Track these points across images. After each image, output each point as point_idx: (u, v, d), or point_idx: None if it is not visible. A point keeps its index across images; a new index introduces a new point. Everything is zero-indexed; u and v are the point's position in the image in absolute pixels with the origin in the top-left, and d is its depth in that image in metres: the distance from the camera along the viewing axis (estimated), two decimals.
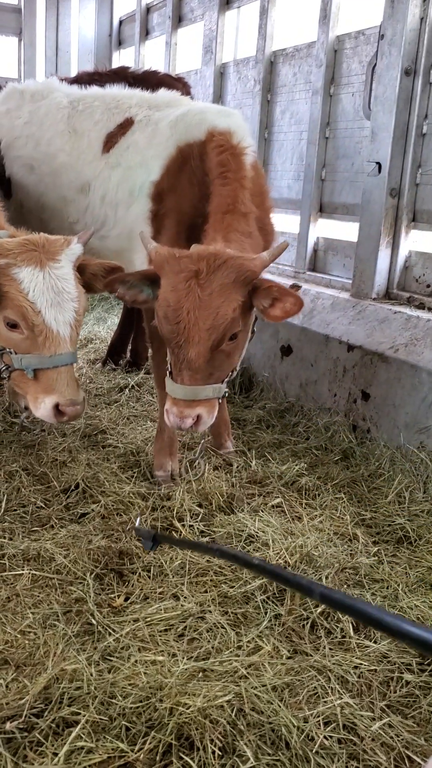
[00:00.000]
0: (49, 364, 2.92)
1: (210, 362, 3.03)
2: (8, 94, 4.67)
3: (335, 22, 5.39)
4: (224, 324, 2.97)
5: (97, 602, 2.86)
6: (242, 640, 2.66)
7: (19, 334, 2.91)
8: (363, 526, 3.52)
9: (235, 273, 3.00)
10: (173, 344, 3.02)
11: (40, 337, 2.90)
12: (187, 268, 2.99)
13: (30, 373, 2.94)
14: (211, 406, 3.13)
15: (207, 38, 7.28)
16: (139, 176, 3.84)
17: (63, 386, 2.94)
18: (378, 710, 2.36)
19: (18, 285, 2.86)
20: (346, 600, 1.36)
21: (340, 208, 5.49)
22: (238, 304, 3.00)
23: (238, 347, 3.19)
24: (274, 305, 3.09)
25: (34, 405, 3.00)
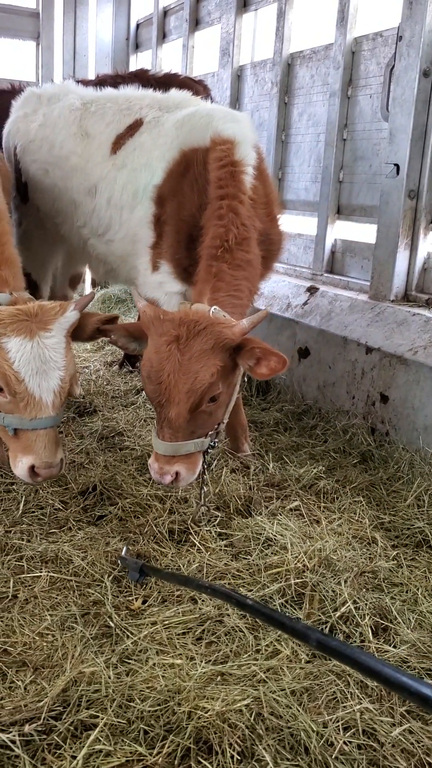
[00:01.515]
0: (28, 426, 2.98)
1: (191, 422, 3.06)
2: (26, 99, 4.69)
3: (353, 24, 5.37)
4: (202, 388, 3.00)
5: (115, 605, 2.85)
6: (260, 644, 2.64)
7: (2, 398, 2.98)
8: (382, 530, 3.49)
9: (213, 340, 3.03)
10: (155, 403, 3.08)
11: (21, 403, 2.96)
12: (169, 332, 3.04)
13: (11, 431, 3.00)
14: (191, 463, 3.14)
15: (224, 41, 7.28)
16: (143, 178, 3.83)
17: (40, 448, 2.98)
18: (398, 716, 2.34)
19: (5, 354, 2.92)
20: (344, 649, 1.30)
21: (358, 210, 5.47)
22: (216, 369, 3.03)
23: (221, 406, 3.22)
24: (259, 364, 3.11)
25: (13, 462, 3.06)
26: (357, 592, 2.92)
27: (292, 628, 1.41)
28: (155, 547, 3.26)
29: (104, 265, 4.45)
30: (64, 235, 4.53)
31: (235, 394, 3.38)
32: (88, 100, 4.38)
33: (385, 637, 2.74)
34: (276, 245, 3.93)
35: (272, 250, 3.87)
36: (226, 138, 3.59)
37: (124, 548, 3.15)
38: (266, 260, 3.73)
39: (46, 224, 4.57)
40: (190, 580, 2.69)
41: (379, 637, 2.73)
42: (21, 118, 4.59)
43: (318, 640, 1.32)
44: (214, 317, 3.12)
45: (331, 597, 2.88)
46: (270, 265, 3.93)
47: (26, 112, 4.60)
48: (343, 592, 2.88)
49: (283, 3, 6.22)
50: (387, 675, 1.17)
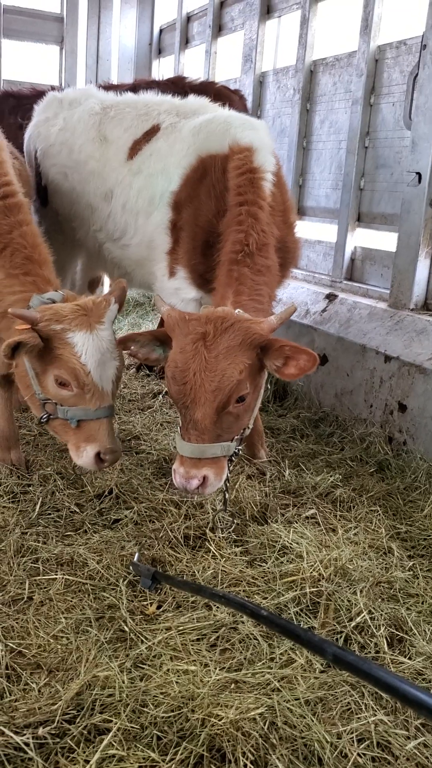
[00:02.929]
0: (93, 416, 3.12)
1: (217, 423, 3.01)
2: (48, 103, 4.71)
3: (377, 32, 5.36)
4: (230, 386, 2.96)
5: (130, 609, 2.85)
6: (275, 652, 2.63)
7: (69, 391, 3.11)
8: (398, 540, 3.47)
9: (241, 336, 2.99)
10: (180, 404, 3.04)
11: (88, 394, 3.10)
12: (195, 331, 3.01)
13: (74, 423, 3.14)
14: (219, 467, 3.07)
15: (247, 47, 7.29)
16: (160, 184, 3.83)
17: (104, 436, 3.13)
18: (413, 729, 2.32)
19: (72, 349, 3.06)
20: (361, 663, 1.27)
21: (379, 218, 5.45)
22: (244, 367, 2.99)
23: (248, 409, 3.17)
24: (287, 364, 3.07)
25: (76, 453, 3.18)
26: (372, 603, 2.90)
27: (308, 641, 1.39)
28: (170, 553, 3.25)
29: (119, 269, 4.46)
30: (80, 239, 4.55)
31: (259, 399, 3.34)
32: (108, 104, 4.39)
33: (400, 648, 2.72)
34: (292, 253, 3.92)
35: (288, 258, 3.86)
36: (245, 146, 3.60)
37: (137, 554, 3.15)
38: (282, 268, 3.73)
39: (65, 228, 4.59)
40: (203, 589, 2.67)
41: (394, 648, 2.71)
42: (42, 122, 4.62)
43: (334, 653, 1.30)
44: (240, 315, 3.09)
45: (347, 607, 2.87)
46: (286, 273, 3.93)
47: (47, 116, 4.62)
48: (359, 602, 2.87)
49: (307, 10, 6.22)
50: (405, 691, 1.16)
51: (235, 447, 3.16)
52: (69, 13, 10.20)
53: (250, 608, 2.08)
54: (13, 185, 3.42)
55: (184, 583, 2.87)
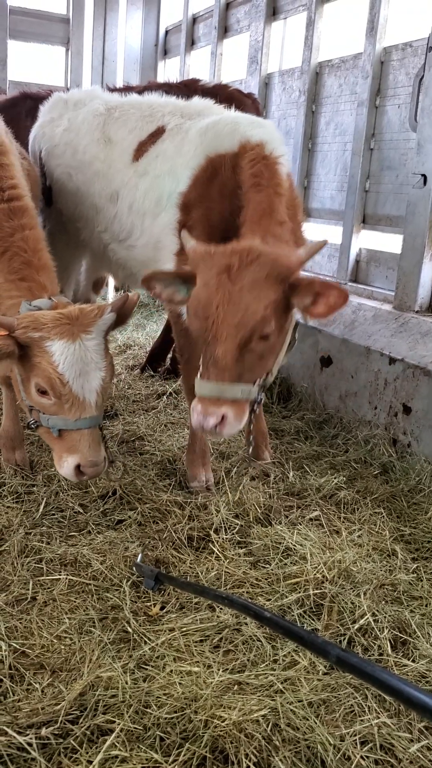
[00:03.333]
0: (73, 426, 3.05)
1: (239, 361, 2.91)
2: (53, 104, 4.72)
3: (382, 34, 5.36)
4: (253, 321, 2.86)
5: (133, 610, 2.85)
6: (278, 654, 2.63)
7: (48, 400, 3.05)
8: (402, 542, 3.47)
9: (268, 268, 2.88)
10: (202, 341, 2.97)
11: (66, 404, 3.03)
12: (219, 263, 2.92)
13: (55, 432, 3.08)
14: (239, 409, 2.96)
15: (253, 49, 7.29)
16: (167, 185, 3.81)
17: (85, 447, 3.05)
18: (416, 732, 2.32)
19: (49, 357, 2.99)
20: (365, 666, 1.27)
21: (384, 220, 5.45)
22: (269, 301, 2.88)
23: (272, 350, 3.07)
24: (316, 302, 2.95)
25: (58, 463, 3.13)
26: (376, 605, 2.90)
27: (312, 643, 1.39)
28: (173, 554, 3.26)
29: (123, 270, 4.45)
30: (84, 239, 4.54)
31: (285, 344, 3.20)
32: (112, 105, 4.39)
33: (403, 650, 2.71)
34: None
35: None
36: (255, 143, 3.58)
37: (140, 555, 3.15)
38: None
39: (69, 228, 4.60)
40: (206, 590, 2.67)
41: (397, 651, 2.70)
42: (47, 123, 4.63)
43: (338, 656, 1.30)
44: (267, 248, 2.97)
45: (350, 609, 2.86)
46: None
47: (52, 116, 4.63)
48: (362, 605, 2.86)
49: (313, 12, 6.23)
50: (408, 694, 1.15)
51: (257, 393, 3.05)
52: (75, 14, 10.21)
53: (254, 610, 2.08)
54: (19, 188, 3.41)
55: (187, 584, 2.87)
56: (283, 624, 1.66)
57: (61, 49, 10.39)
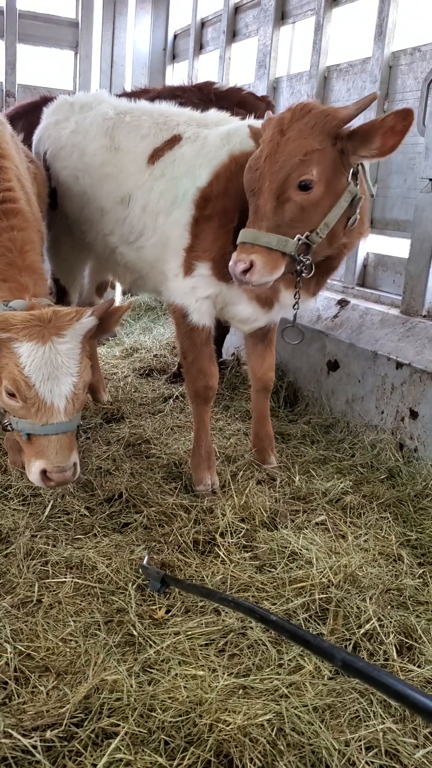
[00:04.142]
0: (40, 431, 2.98)
1: (278, 211, 3.01)
2: (58, 106, 4.73)
3: (391, 38, 5.36)
4: (290, 165, 2.95)
5: (139, 613, 2.85)
6: (283, 658, 2.63)
7: (15, 402, 3.00)
8: (408, 547, 3.46)
9: (315, 120, 3.00)
10: (249, 195, 3.09)
11: (33, 408, 2.97)
12: (276, 120, 3.06)
13: (24, 436, 3.03)
14: (270, 258, 3.03)
15: (261, 53, 7.30)
16: (184, 184, 3.81)
17: (52, 453, 2.97)
18: (422, 737, 2.31)
19: (17, 359, 2.94)
20: (371, 670, 1.26)
21: (392, 224, 5.44)
22: (311, 150, 2.97)
23: (315, 205, 3.07)
24: (385, 138, 3.00)
25: (27, 466, 3.08)
26: (382, 610, 2.89)
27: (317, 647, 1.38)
28: (179, 557, 3.25)
29: (132, 273, 4.45)
30: (89, 242, 4.55)
31: (338, 208, 3.17)
32: (122, 110, 4.40)
33: (409, 656, 2.70)
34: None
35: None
36: None
37: (146, 557, 3.15)
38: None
39: (74, 231, 4.60)
40: (212, 593, 2.67)
41: (403, 656, 2.70)
42: (52, 125, 4.63)
43: (343, 659, 1.29)
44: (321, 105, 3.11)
45: (356, 614, 2.86)
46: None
47: (58, 118, 4.63)
48: (368, 609, 2.86)
49: (321, 16, 6.23)
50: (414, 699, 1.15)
51: (294, 248, 3.09)
52: (84, 18, 10.24)
53: (259, 613, 2.08)
54: (14, 191, 3.39)
55: (193, 587, 2.87)
56: (288, 627, 1.66)
57: (70, 52, 10.41)
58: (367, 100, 3.08)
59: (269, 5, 7.13)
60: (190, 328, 3.85)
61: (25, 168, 3.75)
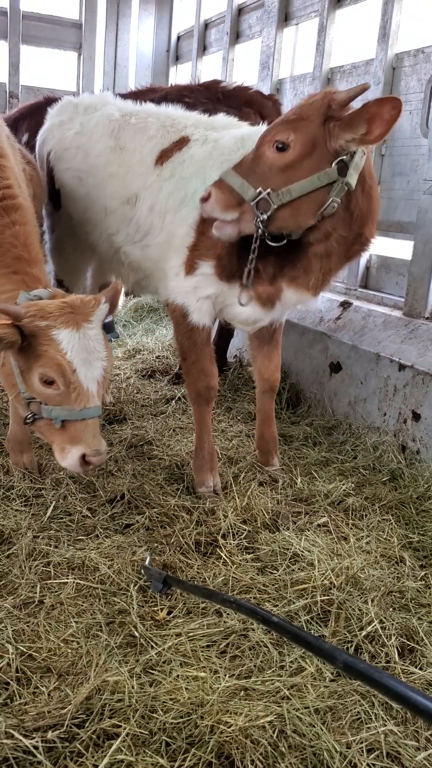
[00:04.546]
0: (78, 416, 3.05)
1: (253, 162, 3.27)
2: (63, 107, 4.73)
3: (394, 40, 5.36)
4: (276, 126, 3.23)
5: (140, 614, 2.86)
6: (285, 660, 2.63)
7: (54, 390, 3.05)
8: (410, 549, 3.46)
9: (320, 98, 3.17)
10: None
11: (73, 393, 3.04)
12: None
13: (58, 424, 3.08)
14: (225, 198, 3.30)
15: (264, 54, 7.30)
16: (193, 184, 3.81)
17: (89, 437, 3.06)
18: (423, 740, 2.30)
19: (57, 345, 3.01)
20: (372, 672, 1.26)
21: (394, 226, 5.44)
22: (298, 118, 3.16)
23: (284, 168, 3.22)
24: (371, 126, 3.06)
25: (61, 455, 3.12)
26: (384, 612, 2.89)
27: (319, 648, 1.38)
28: (181, 559, 3.25)
29: (135, 273, 4.45)
30: (93, 243, 4.55)
31: (306, 184, 3.23)
32: (128, 112, 4.40)
33: (411, 658, 2.70)
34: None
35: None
36: None
37: (148, 558, 3.16)
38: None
39: (78, 232, 4.60)
40: (214, 594, 2.67)
41: (405, 659, 2.69)
42: (56, 126, 4.63)
43: (345, 661, 1.29)
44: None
45: (357, 616, 2.85)
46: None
47: (62, 119, 4.63)
48: (370, 611, 2.85)
49: (325, 18, 6.23)
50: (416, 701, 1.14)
51: (253, 197, 3.24)
52: (87, 19, 10.26)
53: (261, 614, 2.08)
54: (13, 188, 3.43)
55: (195, 588, 2.87)
56: (290, 629, 1.66)
57: (73, 54, 10.43)
58: (359, 89, 3.14)
59: (273, 7, 7.13)
60: (190, 328, 3.85)
61: (20, 169, 3.76)
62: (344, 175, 3.18)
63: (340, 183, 3.19)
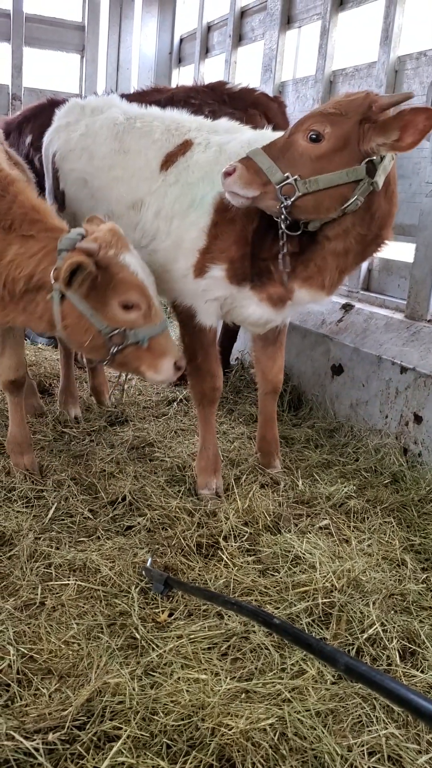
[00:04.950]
0: (159, 330, 3.32)
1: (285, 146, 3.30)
2: (70, 109, 4.73)
3: (397, 43, 5.36)
4: (313, 115, 3.25)
5: (141, 616, 2.85)
6: (286, 663, 2.62)
7: (137, 312, 3.25)
8: (412, 552, 3.45)
9: (360, 97, 3.19)
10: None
11: (151, 311, 3.28)
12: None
13: (145, 343, 3.29)
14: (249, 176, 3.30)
15: (267, 57, 7.31)
16: (201, 189, 3.80)
17: (172, 346, 3.37)
18: (424, 743, 2.30)
19: (129, 269, 3.23)
20: (373, 675, 1.26)
21: (396, 229, 5.39)
22: (336, 113, 3.18)
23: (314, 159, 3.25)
24: (404, 133, 3.08)
25: (154, 372, 3.35)
26: (385, 615, 2.88)
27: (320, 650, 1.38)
28: (182, 561, 3.25)
29: None
30: None
31: (333, 177, 3.27)
32: (132, 115, 4.40)
33: (412, 661, 2.70)
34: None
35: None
36: None
37: (149, 559, 3.15)
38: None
39: None
40: (215, 596, 2.67)
41: (406, 662, 2.69)
42: (63, 127, 4.64)
43: (346, 664, 1.29)
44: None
45: (359, 618, 2.85)
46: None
47: (68, 121, 4.64)
48: (371, 614, 2.85)
49: (327, 21, 6.24)
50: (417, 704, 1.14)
51: (280, 180, 3.25)
52: (90, 22, 10.28)
53: (263, 616, 2.07)
54: (2, 164, 3.50)
55: (196, 589, 2.87)
56: (291, 631, 1.65)
57: (76, 56, 10.46)
58: (403, 96, 3.17)
59: (275, 9, 7.14)
60: (197, 329, 3.85)
61: (9, 165, 3.77)
62: (372, 175, 3.21)
63: (366, 182, 3.22)
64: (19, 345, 4.01)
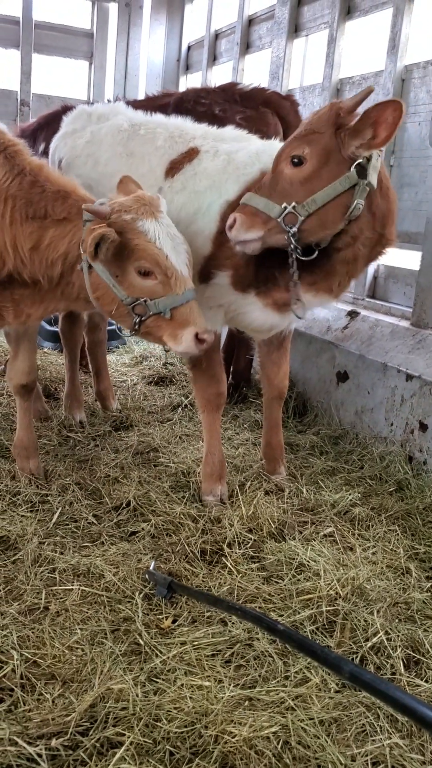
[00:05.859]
0: (182, 300, 3.25)
1: (273, 181, 3.36)
2: (77, 115, 4.75)
3: (404, 52, 5.37)
4: (290, 142, 3.31)
5: (145, 622, 2.85)
6: (290, 670, 2.61)
7: (153, 280, 3.22)
8: (416, 560, 3.44)
9: (328, 110, 3.26)
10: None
11: (172, 279, 3.22)
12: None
13: (167, 314, 3.24)
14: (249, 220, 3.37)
15: (274, 65, 7.33)
16: (208, 197, 3.81)
17: (197, 317, 3.28)
18: (429, 754, 2.29)
19: (146, 236, 3.20)
20: (378, 683, 1.25)
21: (402, 236, 5.43)
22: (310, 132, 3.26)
23: (304, 181, 3.29)
24: (377, 130, 3.16)
25: (175, 342, 3.29)
26: (389, 623, 2.87)
27: (325, 658, 1.37)
28: (186, 567, 3.25)
29: None
30: None
31: (329, 191, 3.29)
32: (137, 122, 4.41)
33: (416, 670, 2.69)
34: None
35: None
36: None
37: (153, 563, 3.15)
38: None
39: None
40: (219, 601, 2.66)
41: (410, 670, 2.68)
42: (69, 134, 4.66)
43: (351, 671, 1.28)
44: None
45: (363, 627, 2.84)
46: None
47: (75, 128, 4.65)
48: (375, 623, 2.84)
49: (335, 29, 6.26)
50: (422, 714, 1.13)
51: (279, 214, 3.29)
52: (99, 29, 10.34)
53: (267, 622, 2.07)
54: (5, 134, 3.54)
55: (200, 594, 2.86)
56: (296, 637, 1.65)
57: (84, 63, 10.50)
58: (364, 93, 3.21)
59: (283, 18, 7.16)
60: None
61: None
62: (364, 177, 3.24)
63: (362, 185, 3.25)
64: (32, 350, 4.03)
